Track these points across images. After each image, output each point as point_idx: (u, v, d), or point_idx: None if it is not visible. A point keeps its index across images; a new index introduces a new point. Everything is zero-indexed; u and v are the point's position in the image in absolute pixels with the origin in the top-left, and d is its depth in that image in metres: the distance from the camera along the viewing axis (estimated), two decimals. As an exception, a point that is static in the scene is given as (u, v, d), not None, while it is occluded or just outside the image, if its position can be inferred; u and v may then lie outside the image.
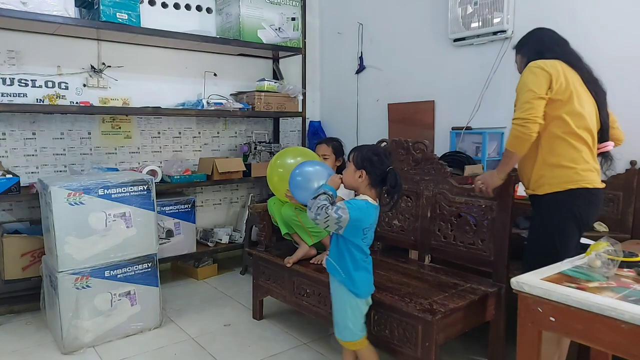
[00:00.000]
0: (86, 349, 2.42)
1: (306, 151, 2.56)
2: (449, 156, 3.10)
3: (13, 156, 3.05)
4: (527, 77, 1.88)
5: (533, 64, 1.90)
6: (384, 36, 3.83)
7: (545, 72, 1.86)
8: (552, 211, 1.90)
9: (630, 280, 1.38)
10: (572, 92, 1.87)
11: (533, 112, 1.81)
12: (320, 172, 2.02)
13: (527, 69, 1.91)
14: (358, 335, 1.89)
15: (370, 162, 1.81)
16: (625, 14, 2.51)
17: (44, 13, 2.68)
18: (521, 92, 1.88)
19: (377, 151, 1.85)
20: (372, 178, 1.82)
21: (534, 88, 1.84)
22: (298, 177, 2.03)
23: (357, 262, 1.85)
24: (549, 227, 1.90)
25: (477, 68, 3.20)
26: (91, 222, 2.41)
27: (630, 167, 2.49)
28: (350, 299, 1.87)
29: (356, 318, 1.89)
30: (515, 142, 1.86)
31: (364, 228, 1.81)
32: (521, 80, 1.91)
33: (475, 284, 2.14)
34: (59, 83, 3.16)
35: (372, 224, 1.84)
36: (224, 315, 2.87)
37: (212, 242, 3.64)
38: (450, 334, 1.94)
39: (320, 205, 1.76)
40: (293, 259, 2.50)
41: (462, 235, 2.27)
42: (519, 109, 1.85)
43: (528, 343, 1.39)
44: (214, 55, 3.80)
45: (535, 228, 1.99)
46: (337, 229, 1.78)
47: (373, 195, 1.85)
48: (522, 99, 1.85)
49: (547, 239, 1.90)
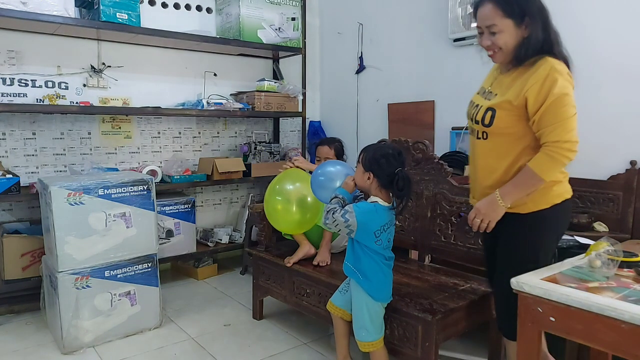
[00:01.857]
0: (86, 349, 2.42)
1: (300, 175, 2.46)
2: (449, 156, 3.10)
3: (13, 156, 3.05)
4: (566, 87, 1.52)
5: (564, 70, 1.55)
6: (384, 36, 3.83)
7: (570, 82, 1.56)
8: (539, 230, 1.64)
9: (630, 280, 1.38)
10: None
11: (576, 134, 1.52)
12: (341, 171, 2.02)
13: (557, 73, 1.51)
14: (374, 337, 1.89)
15: (377, 164, 1.79)
16: (626, 14, 2.51)
17: (44, 13, 2.68)
18: (562, 106, 1.50)
19: (384, 152, 1.81)
20: (380, 180, 1.80)
21: (573, 103, 1.52)
22: (320, 177, 2.04)
23: (375, 266, 1.84)
24: (535, 249, 1.65)
25: (477, 68, 3.16)
26: (91, 222, 2.41)
27: (630, 167, 2.49)
28: (367, 300, 1.87)
29: (373, 320, 1.88)
30: (553, 168, 1.53)
31: (374, 231, 1.80)
32: (556, 85, 1.50)
33: (475, 284, 2.14)
34: (59, 83, 3.16)
35: (384, 226, 1.82)
36: (224, 315, 2.87)
37: (212, 242, 3.64)
38: (450, 334, 1.94)
39: (330, 209, 1.79)
40: (293, 258, 2.50)
41: (462, 235, 2.27)
42: (568, 130, 1.50)
43: (528, 343, 1.39)
44: (214, 55, 3.80)
45: (518, 250, 1.68)
46: (349, 232, 1.79)
47: (384, 196, 1.83)
48: (566, 114, 1.50)
49: (533, 263, 1.57)
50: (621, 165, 2.52)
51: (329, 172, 2.03)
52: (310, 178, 2.11)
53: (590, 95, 2.67)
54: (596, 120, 2.65)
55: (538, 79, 1.53)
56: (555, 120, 1.50)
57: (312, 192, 2.11)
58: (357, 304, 1.91)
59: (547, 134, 1.52)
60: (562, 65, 1.55)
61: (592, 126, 2.67)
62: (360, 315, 1.90)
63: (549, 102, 1.50)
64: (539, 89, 1.52)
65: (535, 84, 1.53)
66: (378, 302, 1.88)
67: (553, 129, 1.50)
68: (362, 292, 1.87)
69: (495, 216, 1.61)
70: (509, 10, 1.55)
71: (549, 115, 1.51)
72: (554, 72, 1.51)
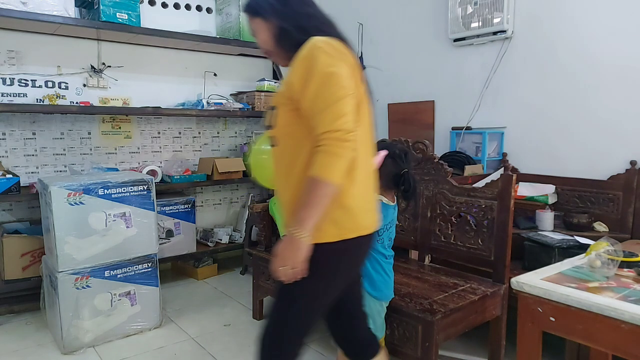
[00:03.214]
0: (86, 349, 2.42)
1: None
2: (449, 156, 3.10)
3: (13, 156, 3.05)
4: (330, 64, 1.25)
5: (331, 46, 1.28)
6: (384, 36, 3.83)
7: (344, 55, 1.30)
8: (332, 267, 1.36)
9: (630, 280, 1.38)
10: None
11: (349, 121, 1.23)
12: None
13: (317, 49, 1.26)
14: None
15: (383, 164, 1.79)
16: (626, 14, 2.51)
17: (44, 13, 2.68)
18: (326, 87, 1.23)
19: (392, 152, 1.81)
20: (385, 180, 1.79)
21: (343, 83, 1.24)
22: None
23: (375, 264, 1.84)
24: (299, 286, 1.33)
25: (477, 68, 3.20)
26: (91, 222, 2.41)
27: (630, 167, 2.49)
28: (368, 299, 1.86)
29: (374, 319, 1.87)
30: (333, 164, 1.20)
31: (377, 230, 1.80)
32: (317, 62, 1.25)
33: (475, 284, 2.14)
34: (59, 83, 3.16)
35: (386, 225, 1.82)
36: (224, 315, 2.87)
37: (212, 242, 3.64)
38: (450, 334, 1.94)
39: None
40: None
41: (462, 235, 2.27)
42: (336, 116, 1.21)
43: (528, 343, 1.39)
44: (214, 55, 3.80)
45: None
46: None
47: (389, 196, 1.83)
48: (332, 97, 1.22)
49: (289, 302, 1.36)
50: (621, 165, 2.52)
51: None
52: None
53: (590, 95, 2.68)
54: (596, 120, 2.65)
55: (297, 60, 1.29)
56: (324, 106, 1.22)
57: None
58: None
59: (316, 125, 1.23)
60: (328, 41, 1.29)
61: (592, 126, 2.68)
62: None
63: (312, 86, 1.23)
64: (300, 72, 1.27)
65: (296, 67, 1.29)
66: (379, 300, 1.88)
67: (321, 119, 1.22)
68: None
69: (300, 256, 1.23)
70: (252, 9, 1.41)
71: (317, 101, 1.23)
72: (314, 49, 1.26)
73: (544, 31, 2.84)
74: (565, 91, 2.76)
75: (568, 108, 2.76)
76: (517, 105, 3.00)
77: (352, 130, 1.21)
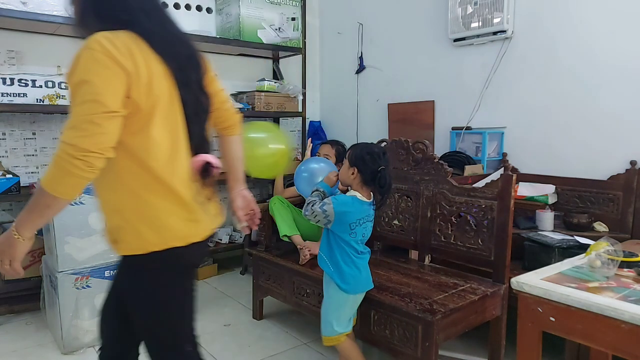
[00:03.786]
0: (86, 349, 2.42)
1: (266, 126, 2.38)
2: (449, 156, 3.10)
3: (13, 156, 3.05)
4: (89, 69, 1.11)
5: (108, 42, 1.13)
6: (384, 36, 3.83)
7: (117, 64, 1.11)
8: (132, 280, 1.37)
9: (630, 280, 1.38)
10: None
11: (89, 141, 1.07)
12: (324, 169, 2.15)
13: (86, 49, 1.13)
14: (335, 332, 1.91)
15: (363, 161, 1.85)
16: (626, 14, 2.51)
17: (44, 13, 2.68)
18: (76, 94, 1.10)
19: (371, 150, 1.88)
20: (364, 176, 1.86)
21: (96, 90, 1.08)
22: (304, 173, 2.17)
23: (346, 258, 1.88)
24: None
25: (477, 68, 3.20)
26: (91, 222, 2.41)
27: (630, 167, 2.49)
28: (336, 293, 1.90)
29: (339, 313, 1.91)
30: (60, 178, 1.11)
31: (350, 223, 1.85)
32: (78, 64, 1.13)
33: (475, 284, 2.14)
34: (59, 83, 3.15)
35: (360, 220, 1.87)
36: (224, 315, 2.87)
37: (212, 242, 3.64)
38: (450, 334, 1.94)
39: (309, 202, 1.88)
40: (307, 257, 2.51)
41: (462, 235, 2.27)
42: (74, 127, 1.07)
43: (528, 343, 1.39)
44: (214, 55, 3.79)
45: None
46: (327, 223, 1.86)
47: (365, 192, 1.89)
48: (76, 103, 1.09)
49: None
50: (621, 165, 2.52)
51: (312, 168, 2.17)
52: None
53: (590, 95, 2.68)
54: (596, 120, 2.65)
55: (73, 56, 1.15)
56: (74, 113, 1.09)
57: (296, 186, 2.24)
58: (325, 296, 1.96)
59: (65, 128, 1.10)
60: (111, 40, 1.13)
61: (592, 126, 2.68)
62: (326, 308, 1.95)
63: (70, 89, 1.12)
64: (69, 71, 1.14)
65: (71, 63, 1.15)
66: (347, 293, 1.89)
67: (67, 125, 1.09)
68: (332, 284, 1.91)
69: (13, 253, 1.15)
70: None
71: (71, 106, 1.10)
72: (84, 48, 1.14)
73: (544, 31, 2.84)
74: (566, 91, 2.76)
75: (568, 108, 2.76)
76: (517, 105, 3.00)
77: (90, 151, 1.06)
